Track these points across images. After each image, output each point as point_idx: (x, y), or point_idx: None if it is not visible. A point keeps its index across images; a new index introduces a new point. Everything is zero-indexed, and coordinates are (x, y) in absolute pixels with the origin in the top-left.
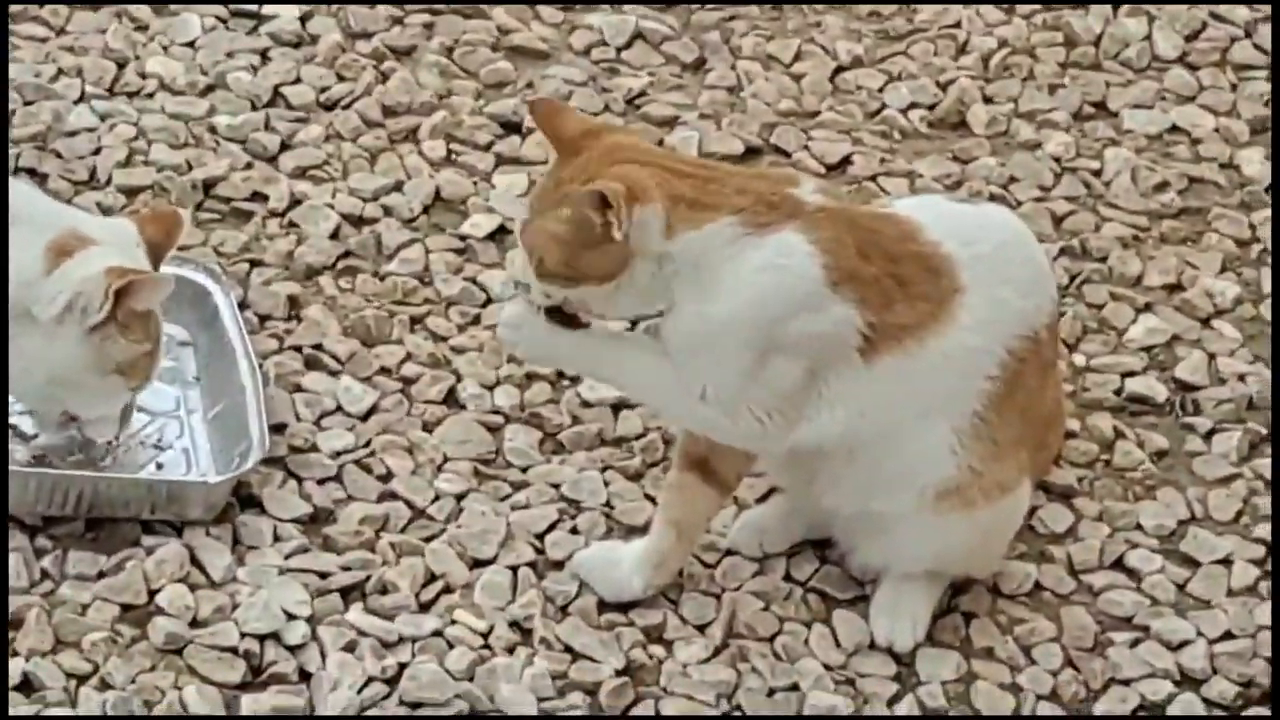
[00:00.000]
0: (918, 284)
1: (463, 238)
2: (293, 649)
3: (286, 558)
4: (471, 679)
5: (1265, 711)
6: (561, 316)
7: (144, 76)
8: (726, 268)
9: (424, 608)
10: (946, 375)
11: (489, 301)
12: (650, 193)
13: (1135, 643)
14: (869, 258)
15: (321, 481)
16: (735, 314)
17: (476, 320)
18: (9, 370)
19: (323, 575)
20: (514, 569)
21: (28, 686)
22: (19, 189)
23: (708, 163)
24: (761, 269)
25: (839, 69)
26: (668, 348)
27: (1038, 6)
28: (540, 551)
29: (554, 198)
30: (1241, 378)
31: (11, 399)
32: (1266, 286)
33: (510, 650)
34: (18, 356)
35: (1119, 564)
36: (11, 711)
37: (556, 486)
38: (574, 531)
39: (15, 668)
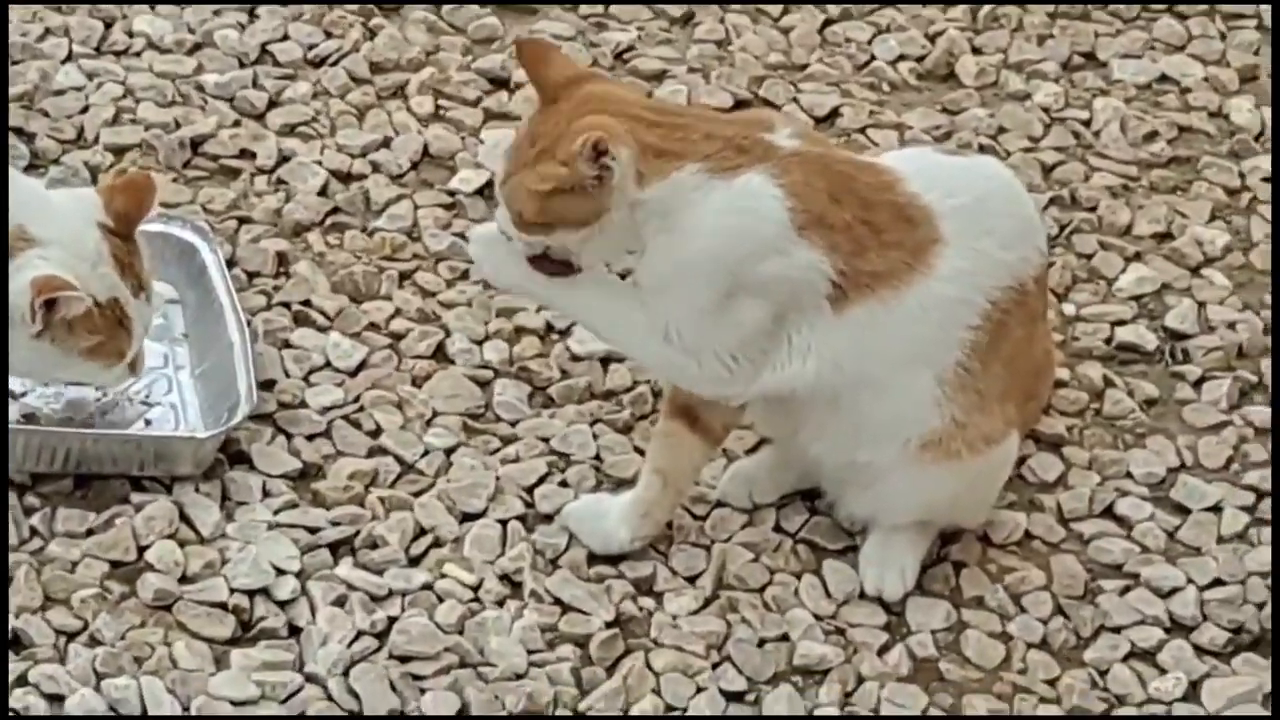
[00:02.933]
0: (891, 232)
1: (451, 193)
2: (282, 604)
3: (276, 513)
4: (461, 632)
5: (1257, 658)
6: (546, 265)
7: (131, 35)
8: (692, 210)
9: (413, 562)
10: (924, 325)
11: None
12: (623, 138)
13: (1125, 590)
14: (841, 204)
15: (310, 437)
16: (701, 253)
17: (465, 275)
18: None
19: (312, 530)
20: (503, 522)
21: (17, 643)
22: None
23: (684, 109)
24: (725, 210)
25: (827, 22)
26: (640, 290)
27: None
28: (530, 505)
29: (530, 152)
30: (1231, 325)
31: None
32: (1256, 234)
33: (500, 603)
34: None
35: (1109, 512)
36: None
37: (546, 440)
38: (563, 485)
39: None
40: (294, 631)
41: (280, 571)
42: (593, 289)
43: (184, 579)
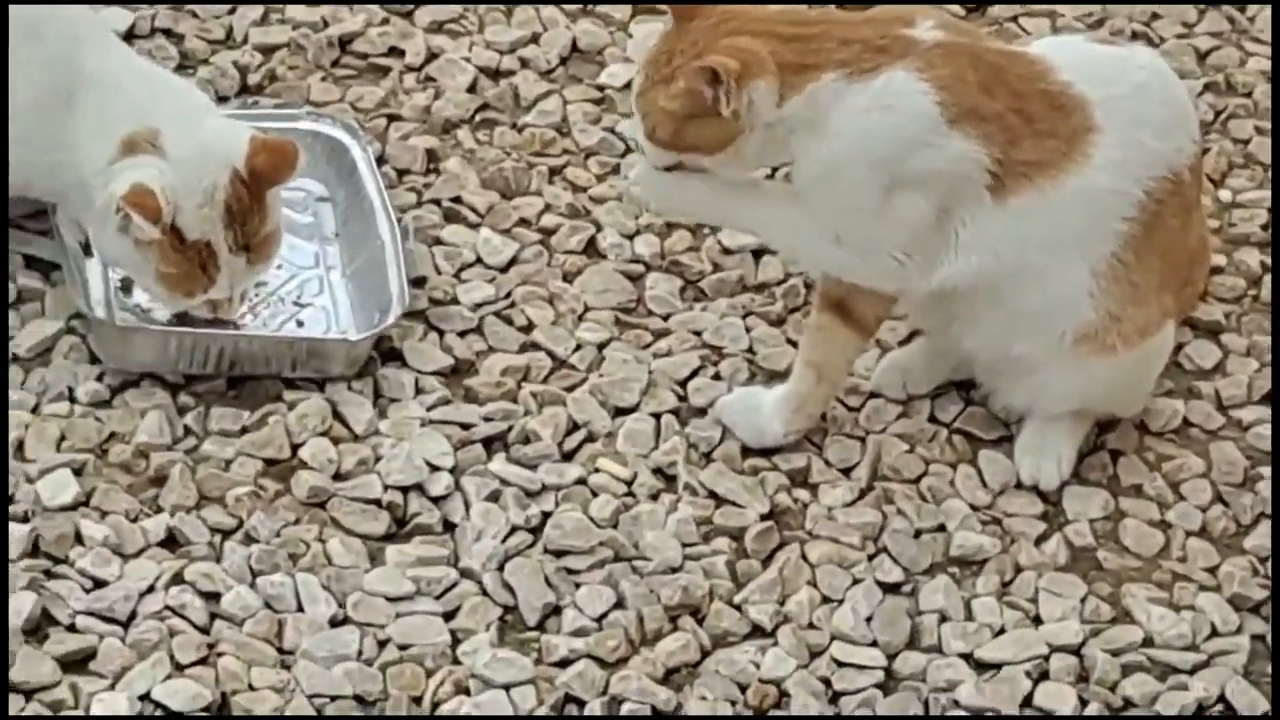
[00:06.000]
0: (1045, 121)
1: (600, 88)
2: (436, 500)
3: (429, 410)
4: (615, 526)
5: None
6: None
7: None
8: (837, 115)
9: (567, 457)
10: (1081, 215)
11: (627, 151)
12: (765, 66)
13: None
14: (992, 94)
15: (462, 333)
16: (851, 155)
17: (615, 170)
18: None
19: (465, 426)
20: (656, 416)
21: (172, 542)
22: (146, 68)
23: (820, 15)
24: (868, 109)
25: None
26: (800, 197)
27: None
28: (683, 399)
29: (666, 69)
30: None
31: None
32: None
33: (654, 497)
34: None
35: (1268, 398)
36: (160, 566)
37: (698, 333)
38: (716, 378)
39: (159, 524)
40: (448, 527)
41: (434, 468)
42: (758, 205)
43: (338, 476)
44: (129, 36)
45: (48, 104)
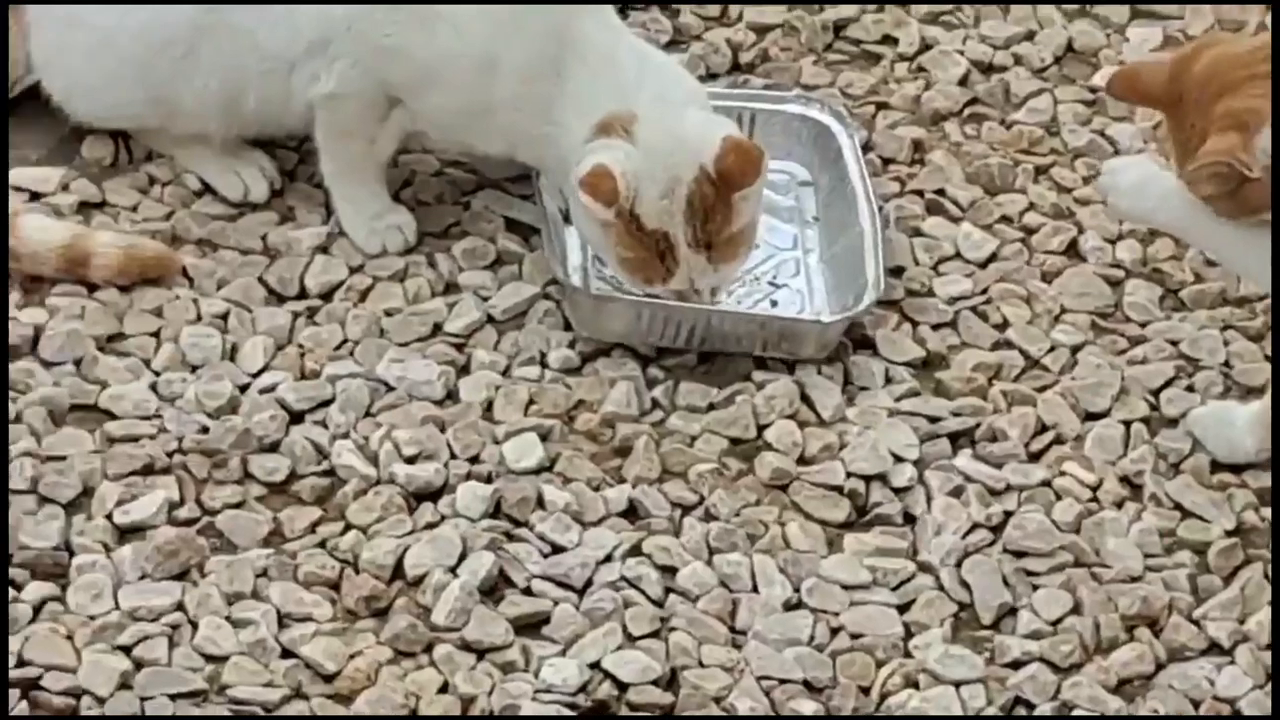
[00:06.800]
0: None
1: (1093, 90)
2: (898, 491)
3: (897, 400)
4: (1077, 531)
5: None
6: None
7: None
8: None
9: (1033, 457)
10: None
11: (1116, 154)
12: (1259, 117)
13: None
14: None
15: (936, 326)
16: None
17: None
18: None
19: (932, 419)
20: (1127, 423)
21: (633, 513)
22: (639, 47)
23: None
24: None
25: None
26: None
27: None
28: (1154, 408)
29: (1191, 147)
30: None
31: None
32: None
33: (1118, 505)
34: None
35: None
36: (618, 536)
37: (1175, 343)
38: (1190, 389)
39: (621, 494)
40: (909, 519)
41: (898, 459)
42: (1228, 226)
43: (802, 460)
44: (623, 8)
45: (539, 72)
